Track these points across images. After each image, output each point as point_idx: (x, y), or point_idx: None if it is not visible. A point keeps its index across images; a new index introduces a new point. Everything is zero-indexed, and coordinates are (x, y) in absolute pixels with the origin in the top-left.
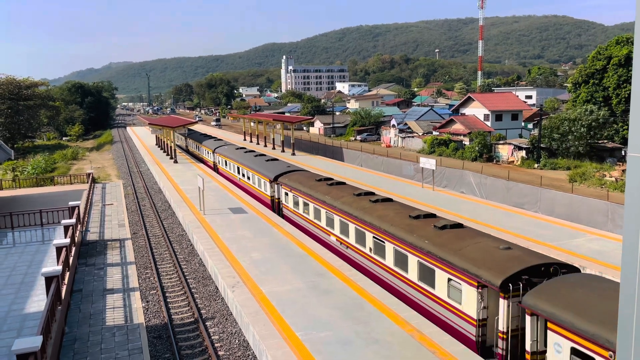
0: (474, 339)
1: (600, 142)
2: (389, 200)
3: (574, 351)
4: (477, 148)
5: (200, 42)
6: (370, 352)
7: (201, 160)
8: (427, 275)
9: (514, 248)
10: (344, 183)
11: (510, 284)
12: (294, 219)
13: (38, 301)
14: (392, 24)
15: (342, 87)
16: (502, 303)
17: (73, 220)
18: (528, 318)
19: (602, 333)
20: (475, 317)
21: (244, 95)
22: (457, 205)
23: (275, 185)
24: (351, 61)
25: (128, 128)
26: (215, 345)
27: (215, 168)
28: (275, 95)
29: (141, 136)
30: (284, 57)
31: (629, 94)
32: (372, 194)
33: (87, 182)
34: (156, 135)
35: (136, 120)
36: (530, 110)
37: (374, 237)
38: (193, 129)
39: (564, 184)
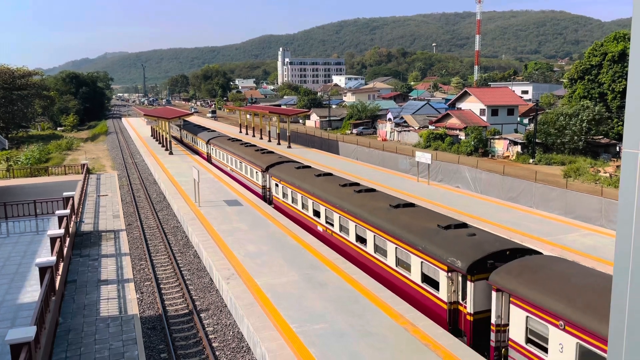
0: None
1: (595, 137)
2: (252, 145)
3: (274, 184)
4: (472, 142)
5: (196, 33)
6: (365, 345)
7: (176, 138)
8: (254, 175)
9: (305, 168)
10: (240, 140)
11: (268, 169)
12: (217, 164)
13: (32, 292)
14: (389, 17)
15: (339, 80)
16: (279, 184)
17: (67, 211)
18: (273, 181)
19: (293, 180)
20: (263, 189)
21: (240, 87)
22: (451, 199)
23: (209, 145)
24: (348, 54)
25: (123, 119)
26: (210, 336)
27: (181, 140)
28: (272, 87)
29: (136, 127)
30: (281, 49)
31: (624, 90)
32: (248, 143)
33: (82, 173)
34: (151, 127)
35: (131, 111)
36: (526, 106)
37: (244, 165)
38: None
39: (558, 179)
